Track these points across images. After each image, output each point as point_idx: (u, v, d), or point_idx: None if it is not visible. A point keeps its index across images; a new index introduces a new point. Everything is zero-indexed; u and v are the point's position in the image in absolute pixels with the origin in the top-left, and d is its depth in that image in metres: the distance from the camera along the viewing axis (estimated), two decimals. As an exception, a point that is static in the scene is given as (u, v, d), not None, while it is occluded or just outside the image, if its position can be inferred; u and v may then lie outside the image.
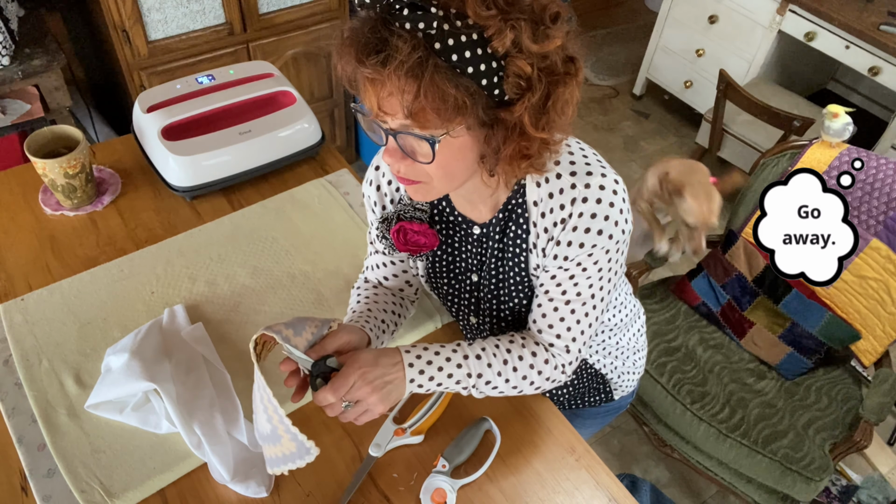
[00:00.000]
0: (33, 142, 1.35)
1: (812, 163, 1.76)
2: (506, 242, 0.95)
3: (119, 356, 1.08)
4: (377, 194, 1.03)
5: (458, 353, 0.92)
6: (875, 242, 1.68)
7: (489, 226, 0.95)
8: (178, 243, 1.36)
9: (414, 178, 0.82)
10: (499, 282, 0.99)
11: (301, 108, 1.54)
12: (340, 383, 0.84)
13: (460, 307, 1.10)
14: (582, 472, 1.05)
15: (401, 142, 0.78)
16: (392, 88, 0.72)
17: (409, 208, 0.98)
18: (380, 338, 1.03)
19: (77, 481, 0.98)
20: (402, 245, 0.99)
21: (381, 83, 0.72)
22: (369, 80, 0.73)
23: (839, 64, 3.19)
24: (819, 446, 1.65)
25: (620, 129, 3.37)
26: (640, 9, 4.29)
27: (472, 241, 0.99)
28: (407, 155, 0.79)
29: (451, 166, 0.80)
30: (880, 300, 1.70)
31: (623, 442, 2.17)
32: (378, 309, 1.06)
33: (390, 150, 0.79)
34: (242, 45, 2.29)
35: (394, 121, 0.76)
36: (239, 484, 0.99)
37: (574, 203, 0.84)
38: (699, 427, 1.70)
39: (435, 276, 1.08)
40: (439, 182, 0.82)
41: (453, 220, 0.99)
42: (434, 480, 1.00)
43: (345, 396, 0.85)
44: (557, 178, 0.86)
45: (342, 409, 0.87)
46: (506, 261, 0.96)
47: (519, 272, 0.96)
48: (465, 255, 1.01)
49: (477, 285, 1.03)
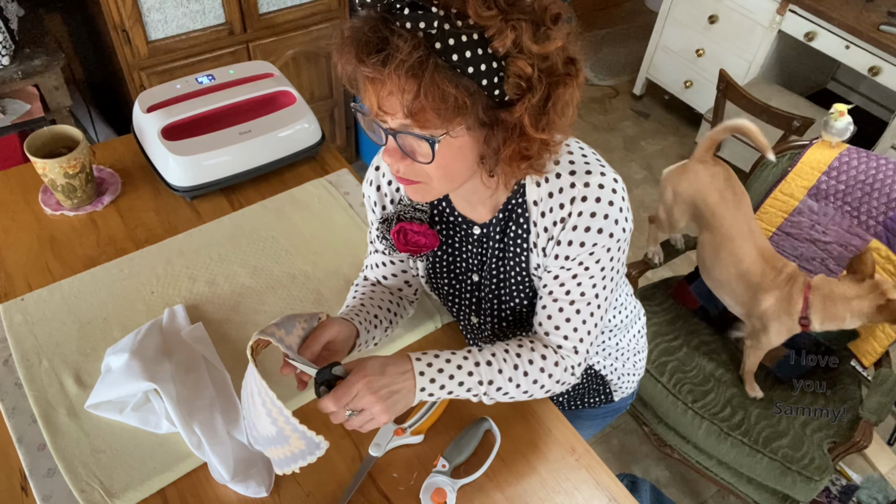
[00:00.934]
0: (33, 142, 1.35)
1: (812, 163, 1.76)
2: (506, 242, 0.95)
3: (119, 356, 1.08)
4: (377, 194, 1.03)
5: (469, 360, 0.90)
6: (875, 243, 1.68)
7: (489, 226, 0.95)
8: (178, 243, 1.36)
9: (413, 178, 0.82)
10: (500, 281, 0.99)
11: (301, 108, 1.54)
12: (343, 392, 0.83)
13: (461, 307, 1.10)
14: (582, 472, 1.05)
15: (400, 141, 0.78)
16: (392, 88, 0.72)
17: (410, 209, 0.98)
18: (370, 332, 1.02)
19: (77, 481, 0.98)
20: (403, 245, 0.99)
21: (382, 82, 0.72)
22: (369, 80, 0.73)
23: (839, 64, 3.20)
24: (817, 446, 1.65)
25: (620, 129, 3.37)
26: (640, 9, 4.29)
27: (473, 241, 0.99)
28: (406, 155, 0.79)
29: (451, 167, 0.80)
30: (880, 300, 1.70)
31: (623, 442, 2.17)
32: (372, 305, 1.07)
33: (390, 150, 0.79)
34: (242, 45, 2.29)
35: (394, 120, 0.75)
36: (239, 484, 0.99)
37: (574, 202, 0.84)
38: (700, 425, 1.70)
39: (435, 276, 1.08)
40: (439, 182, 0.82)
41: (453, 221, 0.99)
42: (434, 480, 1.00)
43: (349, 405, 0.84)
44: (557, 178, 0.86)
45: (346, 418, 0.85)
46: (507, 261, 0.96)
47: (520, 272, 0.96)
48: (466, 255, 1.01)
49: (478, 285, 1.03)
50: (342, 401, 0.83)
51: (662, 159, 3.20)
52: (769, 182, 1.85)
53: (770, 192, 1.83)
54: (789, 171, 1.79)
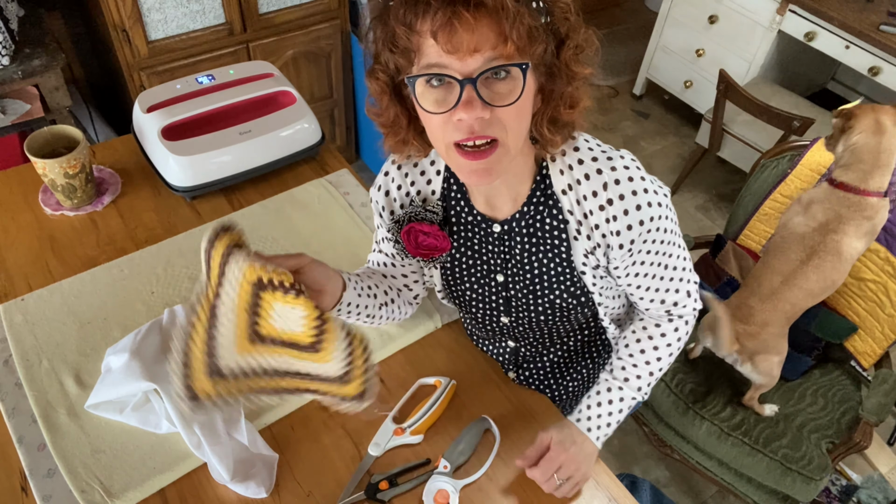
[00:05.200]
0: (33, 142, 1.35)
1: (811, 165, 1.76)
2: (539, 236, 0.94)
3: (119, 356, 1.08)
4: (385, 199, 1.02)
5: (612, 391, 1.04)
6: (874, 245, 1.68)
7: (513, 221, 0.95)
8: (178, 243, 1.36)
9: (491, 134, 0.78)
10: (533, 277, 0.98)
11: (301, 108, 1.54)
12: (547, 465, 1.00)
13: (488, 310, 1.08)
14: (582, 473, 1.05)
15: (481, 86, 0.74)
16: (489, 11, 0.71)
17: (421, 209, 0.97)
18: (361, 297, 1.01)
19: (77, 481, 0.98)
20: (414, 249, 0.98)
21: (473, 14, 0.70)
22: (456, 20, 0.70)
23: (839, 64, 3.20)
24: (817, 446, 1.65)
25: (620, 129, 3.37)
26: (640, 9, 4.29)
27: (493, 239, 0.98)
28: (486, 103, 0.75)
29: (525, 113, 0.79)
30: (879, 302, 1.69)
31: (623, 442, 2.17)
32: (369, 277, 1.07)
33: (468, 101, 0.74)
34: (242, 45, 2.29)
35: (478, 59, 0.73)
36: (239, 484, 0.99)
37: (607, 188, 0.87)
38: (701, 425, 1.70)
39: (455, 282, 1.07)
40: (514, 136, 0.79)
41: (472, 221, 0.98)
42: (436, 482, 1.00)
43: (558, 474, 0.99)
44: (580, 164, 0.88)
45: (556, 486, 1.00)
46: (541, 255, 0.96)
47: (559, 263, 0.96)
48: (487, 255, 1.00)
49: (504, 285, 1.02)
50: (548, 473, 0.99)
51: (662, 159, 3.20)
52: (769, 184, 1.85)
53: (770, 194, 1.83)
54: (789, 172, 1.79)
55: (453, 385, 1.13)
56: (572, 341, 1.13)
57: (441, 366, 1.18)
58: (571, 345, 1.14)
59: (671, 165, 3.17)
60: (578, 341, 1.14)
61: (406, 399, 1.12)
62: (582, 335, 1.13)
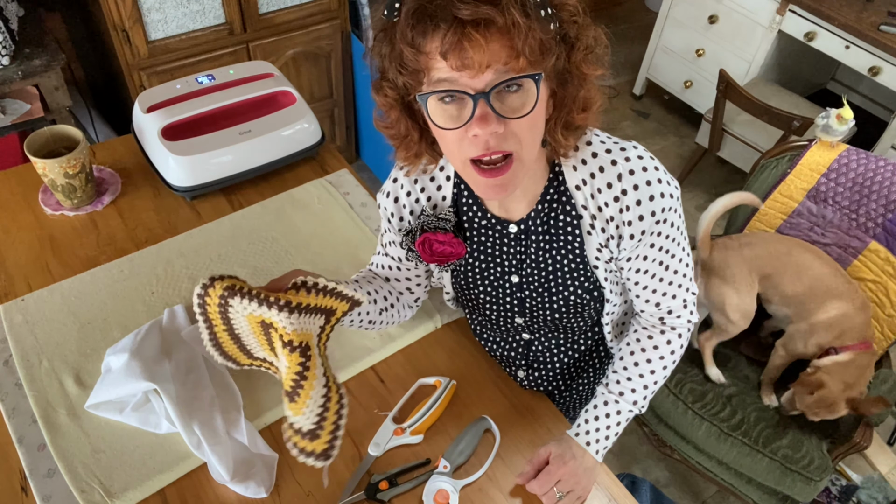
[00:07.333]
0: (33, 142, 1.35)
1: (811, 165, 1.76)
2: (553, 233, 0.94)
3: (119, 356, 1.08)
4: (394, 206, 1.01)
5: (609, 405, 1.03)
6: (874, 245, 1.68)
7: (528, 220, 0.94)
8: (178, 243, 1.36)
9: (506, 149, 0.78)
10: (548, 274, 0.98)
11: (301, 108, 1.54)
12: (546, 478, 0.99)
13: (500, 311, 1.08)
14: (582, 473, 1.05)
15: (494, 101, 0.74)
16: (500, 28, 0.70)
17: (433, 218, 0.97)
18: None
19: (77, 481, 0.98)
20: (429, 256, 0.98)
21: (486, 29, 0.70)
22: (471, 32, 0.70)
23: (839, 64, 3.20)
24: (817, 446, 1.65)
25: (620, 129, 3.37)
26: (640, 9, 4.29)
27: (509, 241, 0.98)
28: (500, 116, 0.75)
29: (538, 123, 0.79)
30: (879, 303, 1.70)
31: (623, 442, 2.17)
32: (369, 283, 1.07)
33: (482, 117, 0.74)
34: (242, 45, 2.30)
35: (490, 73, 0.72)
36: (239, 484, 0.99)
37: (621, 178, 0.87)
38: (701, 426, 1.70)
39: (468, 286, 1.06)
40: (528, 148, 0.79)
41: (486, 224, 0.98)
42: (436, 482, 1.01)
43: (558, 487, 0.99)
44: (594, 157, 0.88)
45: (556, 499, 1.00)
46: (555, 252, 0.96)
47: (573, 259, 0.96)
48: (502, 257, 1.00)
49: (519, 286, 1.02)
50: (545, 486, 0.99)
51: (662, 159, 3.20)
52: (769, 184, 1.85)
53: (769, 194, 1.83)
54: (789, 172, 1.79)
55: (453, 385, 1.13)
56: (582, 339, 1.13)
57: (441, 366, 1.18)
58: (583, 345, 1.14)
59: (671, 165, 3.17)
60: (590, 338, 1.14)
61: (406, 399, 1.12)
62: (593, 335, 1.13)
